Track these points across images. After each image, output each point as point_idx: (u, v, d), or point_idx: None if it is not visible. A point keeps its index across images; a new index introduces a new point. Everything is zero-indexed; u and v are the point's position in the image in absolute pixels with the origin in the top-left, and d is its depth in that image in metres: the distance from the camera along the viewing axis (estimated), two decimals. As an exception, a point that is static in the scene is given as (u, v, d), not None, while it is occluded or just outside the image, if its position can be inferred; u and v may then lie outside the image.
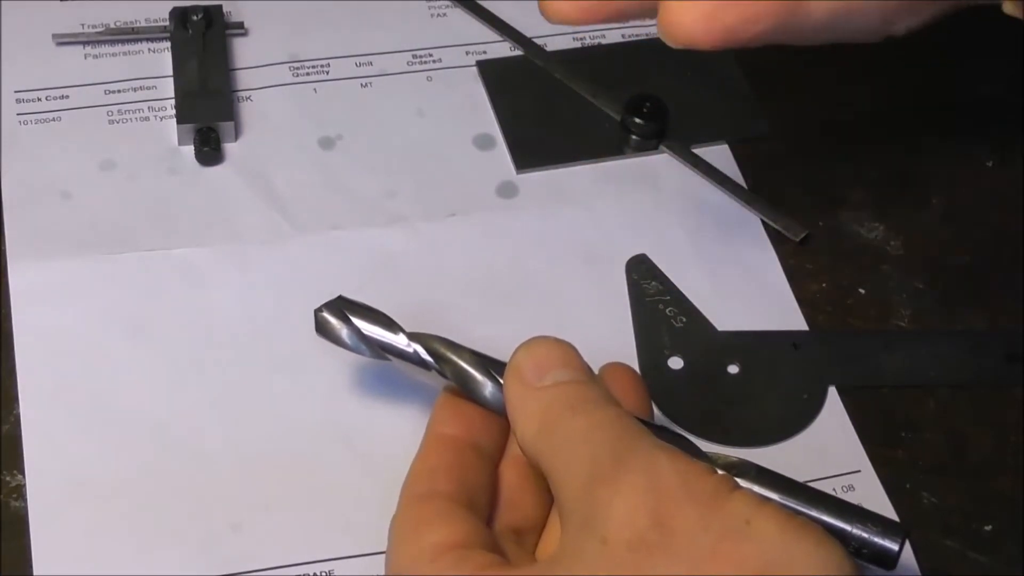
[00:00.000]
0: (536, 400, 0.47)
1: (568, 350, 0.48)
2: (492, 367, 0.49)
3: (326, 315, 0.51)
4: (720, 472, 0.44)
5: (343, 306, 0.51)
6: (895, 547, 0.46)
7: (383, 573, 0.47)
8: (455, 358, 0.50)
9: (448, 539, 0.45)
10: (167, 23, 0.65)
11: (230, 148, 0.62)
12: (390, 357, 0.51)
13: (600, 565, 0.42)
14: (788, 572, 0.41)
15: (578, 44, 0.67)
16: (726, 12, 0.47)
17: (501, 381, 0.48)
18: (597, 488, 0.43)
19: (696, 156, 0.63)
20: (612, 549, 0.42)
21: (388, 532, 0.47)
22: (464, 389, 0.50)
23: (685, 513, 0.42)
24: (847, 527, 0.46)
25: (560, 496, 0.45)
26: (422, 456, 0.49)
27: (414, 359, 0.50)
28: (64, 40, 0.65)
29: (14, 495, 0.52)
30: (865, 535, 0.46)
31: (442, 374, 0.50)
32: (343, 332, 0.51)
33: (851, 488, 0.53)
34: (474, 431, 0.49)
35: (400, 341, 0.50)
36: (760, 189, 0.62)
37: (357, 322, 0.51)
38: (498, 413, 0.49)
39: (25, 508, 0.51)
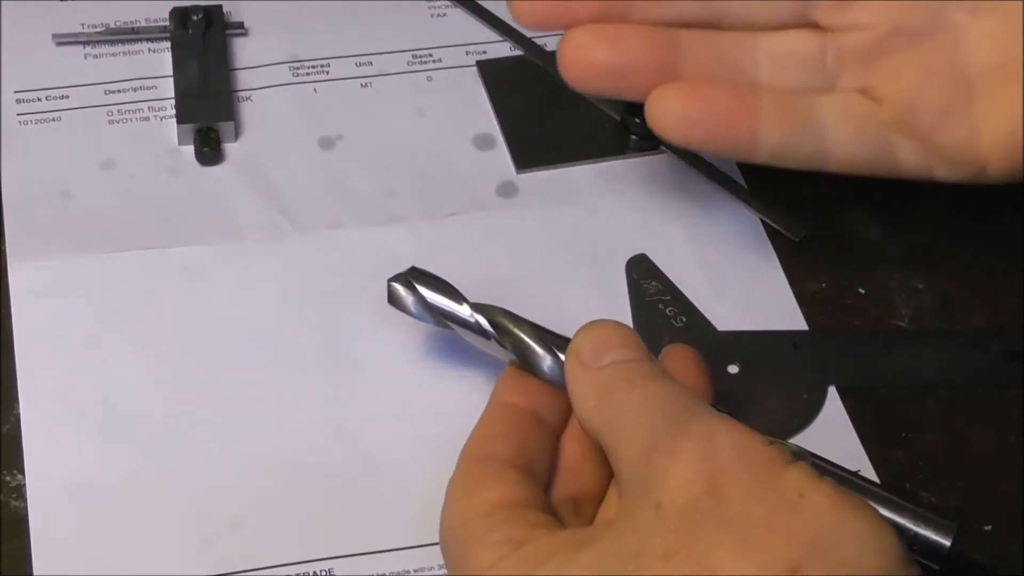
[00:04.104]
0: (594, 378, 0.47)
1: (626, 332, 0.48)
2: (553, 342, 0.50)
3: (396, 285, 0.52)
4: (777, 444, 0.44)
5: (412, 276, 0.52)
6: (946, 543, 0.47)
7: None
8: (516, 330, 0.51)
9: (502, 497, 0.46)
10: (167, 23, 0.65)
11: (230, 148, 0.62)
12: (452, 326, 0.52)
13: (652, 530, 0.42)
14: (838, 550, 0.41)
15: (578, 44, 0.67)
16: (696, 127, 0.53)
17: (561, 357, 0.49)
18: (654, 456, 0.44)
19: (696, 156, 0.63)
20: (665, 514, 0.42)
21: (445, 494, 0.47)
22: (523, 361, 0.50)
23: (739, 482, 0.42)
24: (900, 521, 0.47)
25: (618, 467, 0.45)
26: (483, 422, 0.49)
27: (475, 329, 0.51)
28: (64, 40, 0.65)
29: (14, 495, 0.52)
30: (917, 530, 0.47)
31: (501, 345, 0.51)
32: (409, 301, 0.52)
33: (851, 488, 0.53)
34: (536, 402, 0.50)
35: (463, 311, 0.51)
36: (760, 189, 0.62)
37: (423, 291, 0.52)
38: (557, 386, 0.50)
39: (25, 508, 0.51)
